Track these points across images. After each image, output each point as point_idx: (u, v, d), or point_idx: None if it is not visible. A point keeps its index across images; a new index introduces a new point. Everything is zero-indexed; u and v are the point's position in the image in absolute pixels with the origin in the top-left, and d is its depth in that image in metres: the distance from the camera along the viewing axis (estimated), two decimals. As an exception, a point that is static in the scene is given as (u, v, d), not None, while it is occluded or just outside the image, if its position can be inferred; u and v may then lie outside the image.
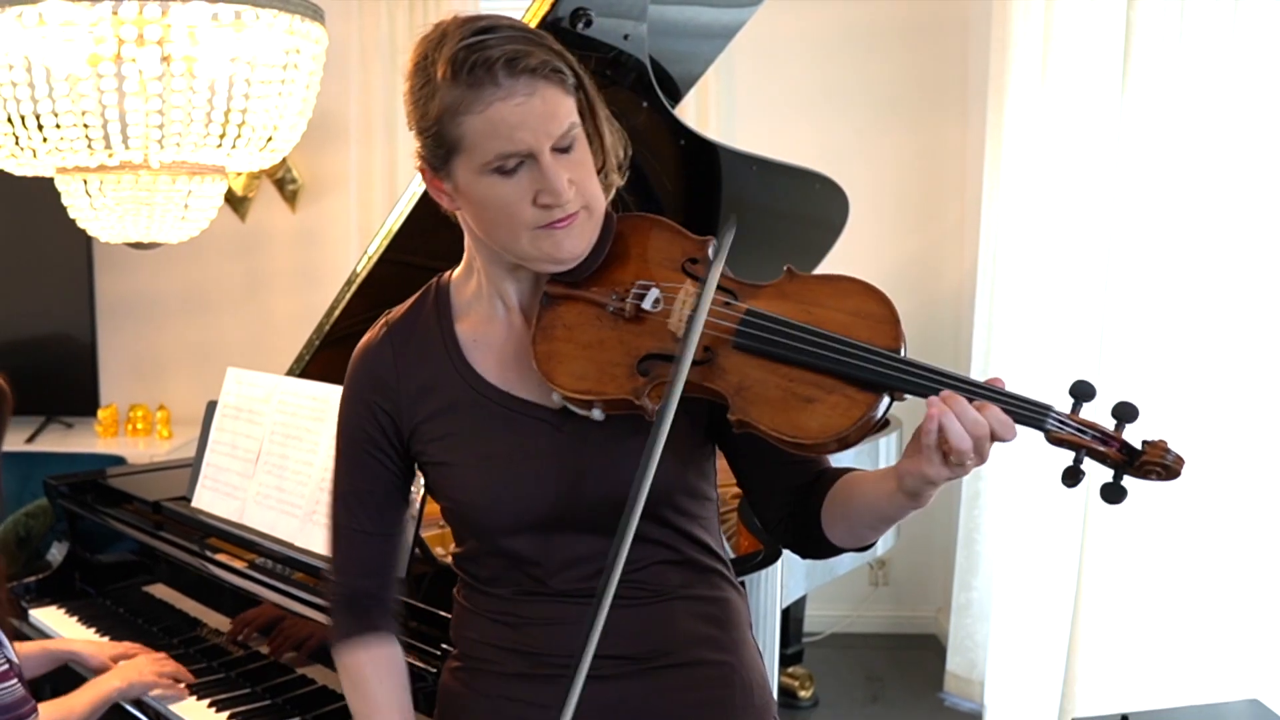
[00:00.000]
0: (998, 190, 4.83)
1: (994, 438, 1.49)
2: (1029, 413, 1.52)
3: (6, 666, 2.49)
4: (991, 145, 4.86)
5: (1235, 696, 3.49)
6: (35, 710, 2.54)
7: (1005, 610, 4.72)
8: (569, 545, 1.76)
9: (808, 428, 1.55)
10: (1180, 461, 1.50)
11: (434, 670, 2.22)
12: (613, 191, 1.78)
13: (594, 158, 1.71)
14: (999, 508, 4.83)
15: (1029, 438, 1.55)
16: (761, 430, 1.57)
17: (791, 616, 4.89)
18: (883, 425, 1.61)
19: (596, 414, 1.67)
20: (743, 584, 2.54)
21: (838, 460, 1.80)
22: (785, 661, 4.92)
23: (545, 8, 2.67)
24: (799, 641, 5.07)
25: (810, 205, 3.98)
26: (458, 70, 1.58)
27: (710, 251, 1.74)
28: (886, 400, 1.57)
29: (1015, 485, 4.67)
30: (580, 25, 2.74)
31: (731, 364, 1.62)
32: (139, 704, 2.85)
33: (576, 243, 1.68)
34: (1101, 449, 1.52)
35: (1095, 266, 4.33)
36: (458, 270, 1.87)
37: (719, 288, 1.67)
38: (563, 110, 1.63)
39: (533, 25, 2.70)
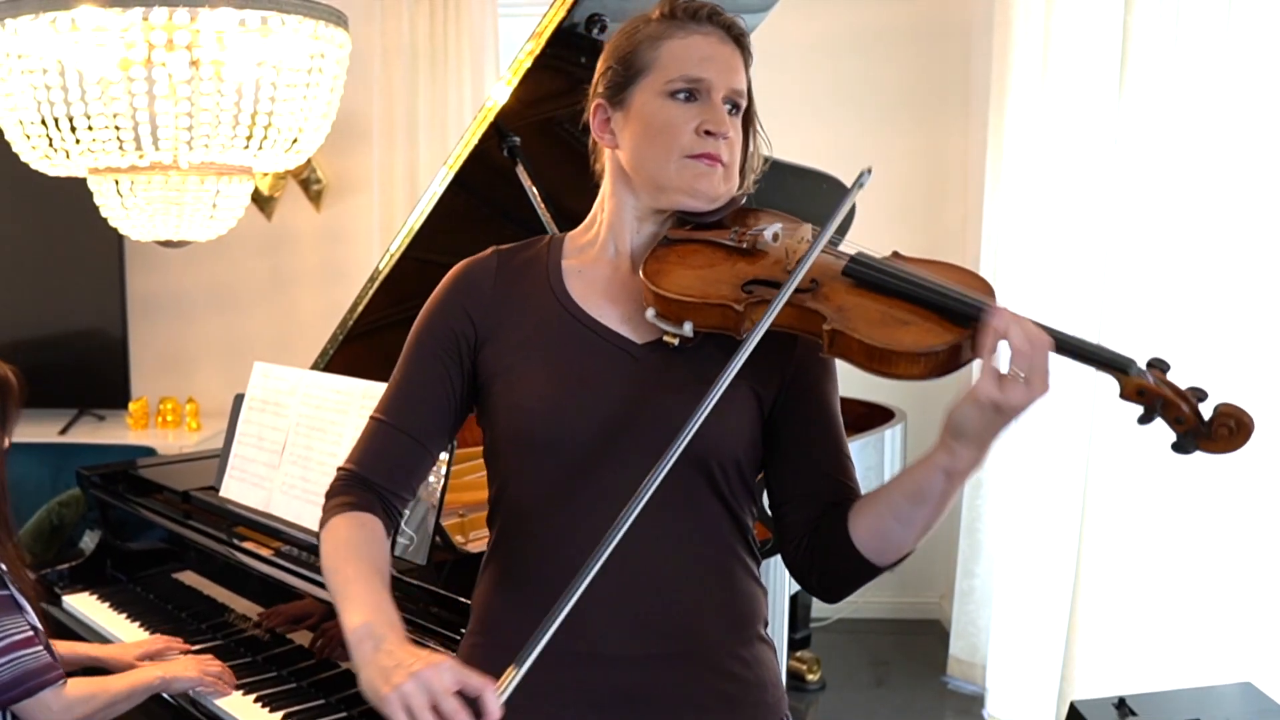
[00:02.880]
0: (999, 189, 4.82)
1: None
2: (1117, 361, 1.53)
3: (30, 632, 2.50)
4: (993, 146, 4.85)
5: (1228, 680, 3.47)
6: (63, 678, 2.53)
7: (1006, 597, 4.71)
8: (610, 476, 1.69)
9: (902, 339, 1.57)
10: (1249, 417, 1.50)
11: (453, 653, 2.22)
12: (741, 198, 1.84)
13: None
14: (1000, 498, 4.82)
15: (1024, 434, 1.55)
16: (856, 338, 1.57)
17: (800, 603, 4.89)
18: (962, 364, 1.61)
19: (687, 328, 1.68)
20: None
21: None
22: (793, 646, 4.93)
23: (562, 13, 2.67)
24: (807, 627, 5.08)
25: (818, 204, 3.96)
26: (673, 11, 1.77)
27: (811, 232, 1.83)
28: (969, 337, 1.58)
29: (1016, 477, 4.67)
30: (595, 31, 2.74)
31: (834, 291, 1.67)
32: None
33: (714, 184, 1.75)
34: (1175, 399, 1.52)
35: (1092, 263, 4.32)
36: (578, 228, 1.92)
37: (832, 239, 1.73)
38: (741, 75, 1.78)
39: (549, 31, 2.71)
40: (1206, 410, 1.52)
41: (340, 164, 5.98)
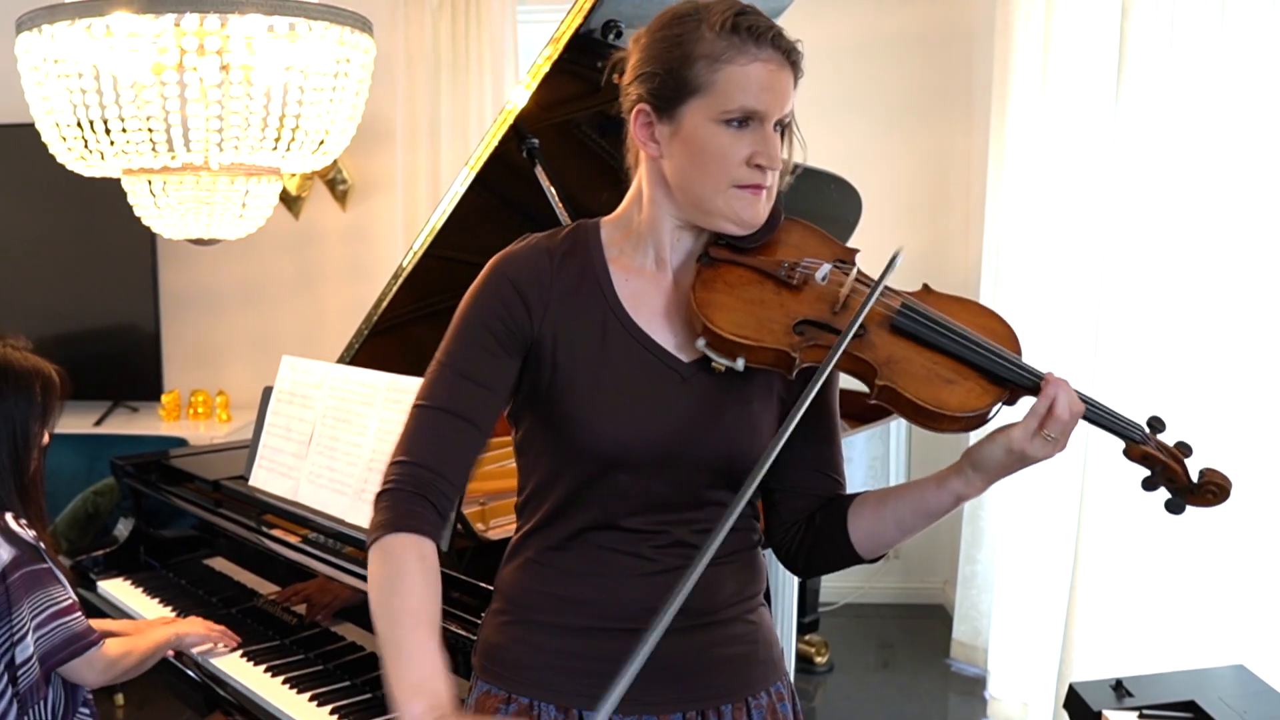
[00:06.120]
0: (1000, 190, 4.80)
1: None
2: (1125, 425, 1.71)
3: (71, 601, 2.63)
4: (995, 148, 4.83)
5: (1222, 662, 3.47)
6: (103, 640, 2.66)
7: (1007, 582, 4.70)
8: (653, 490, 1.73)
9: (949, 401, 1.65)
10: (1229, 482, 1.70)
11: (474, 639, 2.22)
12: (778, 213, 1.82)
13: None
14: (1002, 486, 4.80)
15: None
16: (907, 395, 1.64)
17: (808, 587, 4.87)
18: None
19: (740, 364, 1.67)
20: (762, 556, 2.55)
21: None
22: (802, 630, 4.90)
23: (579, 20, 2.66)
24: (815, 611, 5.06)
25: (827, 204, 3.97)
26: (735, 27, 1.65)
27: (855, 261, 1.83)
28: (1006, 397, 1.68)
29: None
30: (611, 36, 2.72)
31: (882, 341, 1.70)
32: (202, 671, 2.86)
33: (758, 212, 1.71)
34: (1175, 465, 1.70)
35: (1091, 262, 4.31)
36: (609, 218, 1.85)
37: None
38: (791, 99, 1.70)
39: (567, 37, 2.70)
40: (1194, 469, 1.70)
41: (365, 165, 5.98)
